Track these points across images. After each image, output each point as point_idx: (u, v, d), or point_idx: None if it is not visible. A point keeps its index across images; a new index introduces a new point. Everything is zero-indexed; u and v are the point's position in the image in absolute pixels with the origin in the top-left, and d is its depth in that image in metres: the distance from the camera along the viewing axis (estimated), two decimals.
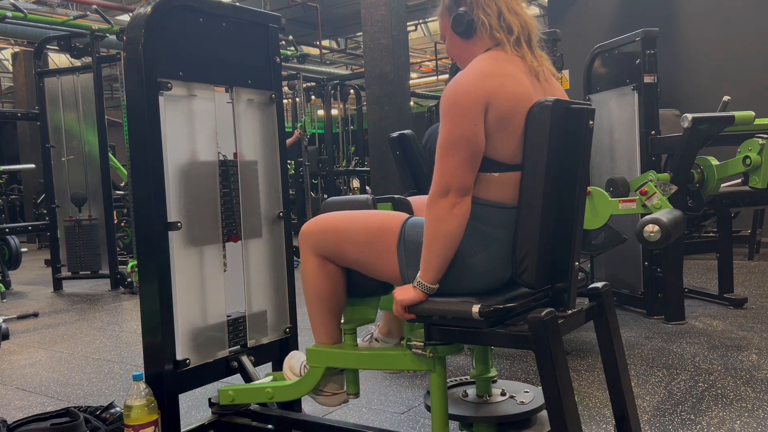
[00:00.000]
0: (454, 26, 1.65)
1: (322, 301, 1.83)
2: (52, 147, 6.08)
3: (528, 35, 1.63)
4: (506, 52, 1.59)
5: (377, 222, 1.74)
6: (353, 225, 1.76)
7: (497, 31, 1.60)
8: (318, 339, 1.88)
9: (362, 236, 1.73)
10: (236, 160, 2.22)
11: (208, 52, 2.13)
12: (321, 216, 1.85)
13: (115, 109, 9.75)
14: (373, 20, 5.80)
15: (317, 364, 1.86)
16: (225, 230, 2.17)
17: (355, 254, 1.75)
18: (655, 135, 3.81)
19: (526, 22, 1.63)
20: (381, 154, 5.77)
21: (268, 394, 1.98)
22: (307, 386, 1.90)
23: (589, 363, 3.05)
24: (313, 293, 1.83)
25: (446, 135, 1.53)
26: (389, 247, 1.69)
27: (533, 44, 1.64)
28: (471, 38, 1.65)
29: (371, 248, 1.72)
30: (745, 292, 4.29)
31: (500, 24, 1.60)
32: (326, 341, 1.87)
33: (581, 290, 1.75)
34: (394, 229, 1.69)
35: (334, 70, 13.03)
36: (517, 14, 1.62)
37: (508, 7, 1.62)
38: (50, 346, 4.00)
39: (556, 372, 1.45)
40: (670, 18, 6.60)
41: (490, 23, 1.60)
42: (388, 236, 1.69)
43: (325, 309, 1.84)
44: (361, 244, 1.73)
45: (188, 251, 2.06)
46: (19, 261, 6.55)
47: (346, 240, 1.75)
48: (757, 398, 2.52)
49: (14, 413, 2.75)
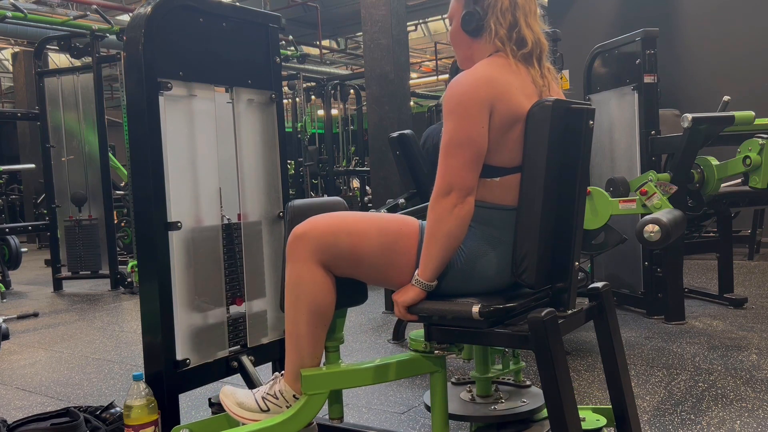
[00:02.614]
0: (463, 23, 1.64)
1: (318, 317, 1.65)
2: (52, 147, 6.09)
3: (540, 53, 1.62)
4: (509, 61, 1.58)
5: (395, 226, 1.64)
6: (370, 228, 1.63)
7: (501, 41, 1.59)
8: (298, 362, 1.67)
9: (382, 240, 1.61)
10: (240, 222, 2.22)
11: (208, 52, 2.13)
12: (319, 218, 1.67)
13: (115, 109, 9.75)
14: (373, 20, 5.79)
15: (319, 390, 1.65)
16: (229, 292, 2.17)
17: (372, 259, 1.62)
18: (655, 135, 3.81)
19: (539, 40, 1.63)
20: (381, 154, 5.77)
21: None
22: (307, 417, 1.65)
23: (589, 363, 3.05)
24: (309, 308, 1.64)
25: (451, 135, 1.51)
26: (410, 250, 1.61)
27: (543, 62, 1.64)
28: (476, 38, 1.65)
29: (392, 252, 1.61)
30: (745, 292, 4.29)
31: (510, 35, 1.59)
32: (310, 363, 1.67)
33: (581, 290, 1.74)
34: (414, 231, 1.63)
35: (334, 70, 13.03)
36: (533, 31, 1.62)
37: (526, 21, 1.61)
38: (50, 346, 4.00)
39: (556, 372, 1.45)
40: (670, 18, 6.60)
41: (498, 32, 1.59)
42: (407, 240, 1.62)
43: (320, 326, 1.66)
44: (382, 248, 1.61)
45: (187, 249, 2.06)
46: (19, 261, 6.56)
47: (362, 244, 1.61)
48: (757, 398, 2.52)
49: (14, 413, 2.75)
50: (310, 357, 1.67)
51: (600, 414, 1.83)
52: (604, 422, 1.81)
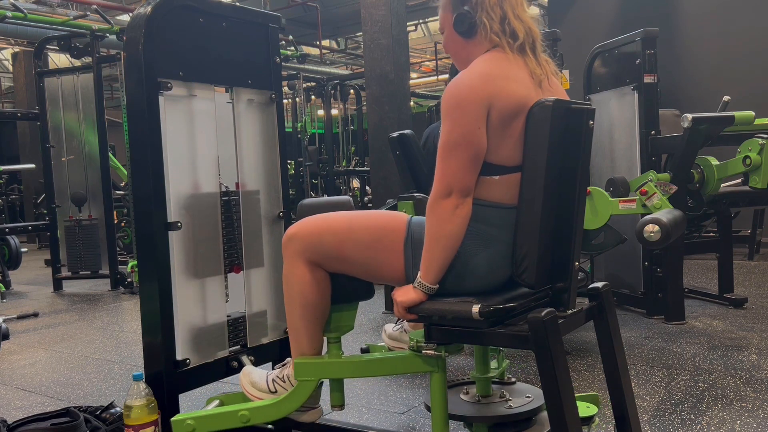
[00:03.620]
0: (456, 25, 1.64)
1: (309, 311, 1.75)
2: (52, 147, 6.09)
3: (533, 42, 1.63)
4: (506, 54, 1.59)
5: (381, 222, 1.69)
6: (354, 225, 1.70)
7: (497, 35, 1.60)
8: (299, 351, 1.79)
9: (366, 237, 1.68)
10: (238, 190, 2.22)
11: (208, 52, 2.13)
12: (309, 219, 1.76)
13: (115, 109, 9.75)
14: (373, 20, 5.79)
15: (308, 377, 1.76)
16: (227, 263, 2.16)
17: (357, 256, 1.69)
18: (655, 135, 3.81)
19: (530, 28, 1.63)
20: (381, 154, 5.77)
21: (243, 417, 1.81)
22: (296, 402, 1.78)
23: (589, 363, 3.05)
24: (299, 302, 1.75)
25: (448, 136, 1.52)
26: (395, 246, 1.65)
27: (537, 50, 1.64)
28: (471, 38, 1.64)
29: (376, 249, 1.67)
30: (745, 292, 4.29)
31: (503, 28, 1.60)
32: (309, 352, 1.79)
33: (581, 290, 1.74)
34: (400, 228, 1.66)
35: (334, 70, 13.03)
36: (522, 20, 1.62)
37: (514, 12, 1.61)
38: (50, 346, 4.00)
39: (556, 372, 1.45)
40: (670, 18, 6.60)
41: (492, 26, 1.60)
42: (394, 236, 1.65)
43: (312, 318, 1.76)
44: (365, 245, 1.68)
45: (188, 250, 2.06)
46: (19, 261, 6.55)
47: (347, 241, 1.69)
48: (757, 398, 2.52)
49: (14, 413, 2.75)
50: (308, 347, 1.78)
51: (588, 401, 1.84)
52: (595, 410, 1.82)
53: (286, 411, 1.80)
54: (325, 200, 1.93)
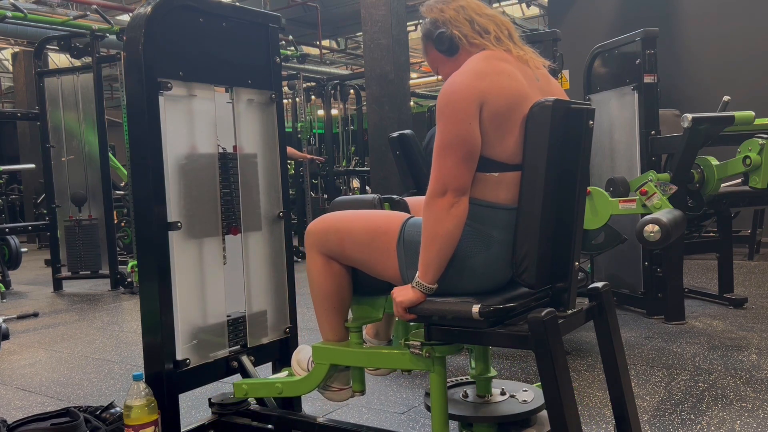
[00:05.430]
0: (438, 45, 1.73)
1: (328, 300, 1.84)
2: (52, 147, 6.09)
3: (507, 32, 1.68)
4: (495, 52, 1.62)
5: (378, 222, 1.74)
6: (354, 225, 1.76)
7: (474, 38, 1.67)
8: (324, 336, 1.90)
9: (363, 236, 1.73)
10: (236, 153, 2.22)
11: (208, 52, 2.13)
12: (325, 215, 1.86)
13: (115, 109, 9.74)
14: (373, 20, 5.80)
15: (322, 361, 1.88)
16: (225, 223, 2.17)
17: (357, 254, 1.75)
18: (655, 135, 3.81)
19: (500, 21, 1.70)
20: (381, 154, 5.77)
21: (278, 388, 2.00)
22: (313, 382, 1.91)
23: (589, 363, 3.05)
24: (319, 292, 1.85)
25: (442, 135, 1.54)
26: (389, 247, 1.69)
27: (515, 38, 1.69)
28: (455, 54, 1.71)
29: (371, 248, 1.72)
30: (745, 292, 4.29)
31: (474, 30, 1.67)
32: (332, 339, 1.88)
33: (581, 290, 1.75)
34: (394, 229, 1.70)
35: (334, 70, 13.03)
36: (488, 15, 1.70)
37: (477, 13, 1.69)
38: (50, 346, 4.00)
39: (556, 372, 1.45)
40: (670, 18, 6.60)
41: (465, 33, 1.67)
42: (388, 237, 1.70)
43: (330, 307, 1.85)
44: (362, 244, 1.73)
45: (188, 246, 2.06)
46: (19, 261, 6.56)
47: (347, 240, 1.75)
48: (757, 398, 2.52)
49: (14, 413, 2.75)
50: (330, 333, 1.89)
51: None
52: None
53: (305, 389, 1.95)
54: (352, 198, 1.99)
